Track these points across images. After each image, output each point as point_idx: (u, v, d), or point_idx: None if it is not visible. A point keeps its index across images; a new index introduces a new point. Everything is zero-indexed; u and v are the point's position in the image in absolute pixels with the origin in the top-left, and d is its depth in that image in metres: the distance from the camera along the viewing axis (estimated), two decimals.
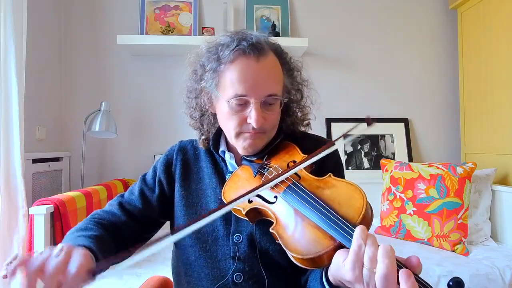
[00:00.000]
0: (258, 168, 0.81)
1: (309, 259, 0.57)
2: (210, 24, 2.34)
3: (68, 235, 0.75)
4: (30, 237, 1.38)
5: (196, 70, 0.87)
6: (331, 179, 0.70)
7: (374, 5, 2.46)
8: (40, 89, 2.02)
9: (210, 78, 0.82)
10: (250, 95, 0.77)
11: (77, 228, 0.77)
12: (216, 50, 0.81)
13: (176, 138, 1.96)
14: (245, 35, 0.80)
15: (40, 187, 1.90)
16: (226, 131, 0.85)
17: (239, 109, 0.79)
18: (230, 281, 0.78)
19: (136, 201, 0.90)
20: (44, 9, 2.07)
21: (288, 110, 0.92)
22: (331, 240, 0.57)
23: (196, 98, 0.89)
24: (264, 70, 0.78)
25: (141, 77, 2.31)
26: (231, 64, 0.78)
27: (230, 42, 0.79)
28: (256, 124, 0.77)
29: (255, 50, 0.78)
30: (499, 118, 2.06)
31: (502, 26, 2.01)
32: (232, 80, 0.78)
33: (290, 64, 0.88)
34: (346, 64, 2.43)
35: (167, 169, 0.92)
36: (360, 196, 0.62)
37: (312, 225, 0.61)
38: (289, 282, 0.80)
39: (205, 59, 0.83)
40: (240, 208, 0.73)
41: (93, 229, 0.77)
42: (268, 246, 0.79)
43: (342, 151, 2.33)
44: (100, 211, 0.88)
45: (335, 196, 0.64)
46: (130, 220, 0.87)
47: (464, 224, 1.73)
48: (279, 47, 0.86)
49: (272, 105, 0.81)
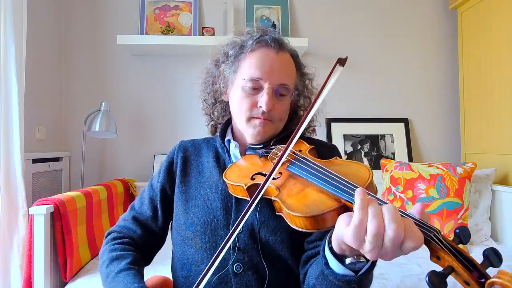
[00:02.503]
0: (264, 150, 0.84)
1: (311, 217, 0.56)
2: (210, 24, 2.33)
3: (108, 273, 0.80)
4: (30, 237, 1.38)
5: (219, 58, 0.94)
6: (338, 160, 0.72)
7: (374, 5, 2.46)
8: (40, 89, 2.02)
9: (231, 63, 0.89)
10: (264, 79, 0.83)
11: (111, 259, 0.83)
12: (242, 41, 0.89)
13: (176, 138, 1.98)
14: (270, 31, 0.89)
15: (40, 187, 1.90)
16: (237, 116, 0.89)
17: (252, 92, 0.85)
18: (230, 271, 0.79)
19: (147, 210, 0.94)
20: (44, 9, 2.07)
21: (296, 114, 0.97)
22: (336, 201, 0.57)
23: (213, 84, 0.96)
24: (281, 62, 0.86)
25: (141, 77, 2.31)
26: (252, 52, 0.86)
27: (254, 34, 0.88)
28: (266, 107, 0.82)
29: (276, 44, 0.86)
30: (499, 118, 2.05)
31: (502, 26, 2.01)
32: (251, 64, 0.85)
33: (303, 70, 0.95)
34: (346, 64, 2.40)
35: (169, 170, 0.95)
36: (366, 170, 0.62)
37: (317, 189, 0.61)
38: (289, 274, 0.81)
39: (229, 48, 0.91)
40: (242, 184, 0.73)
41: (124, 255, 0.83)
42: (269, 237, 0.79)
43: (342, 151, 2.33)
44: (117, 228, 0.93)
45: (340, 170, 0.64)
46: (145, 232, 0.92)
47: (464, 224, 1.73)
48: (296, 52, 0.94)
49: (283, 96, 0.87)
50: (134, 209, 0.96)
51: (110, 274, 0.79)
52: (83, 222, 1.57)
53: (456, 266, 0.45)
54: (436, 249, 0.48)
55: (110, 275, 0.79)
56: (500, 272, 0.43)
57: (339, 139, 2.34)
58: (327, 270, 0.60)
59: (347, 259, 0.58)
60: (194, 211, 0.86)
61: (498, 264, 0.47)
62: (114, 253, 0.84)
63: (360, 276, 0.57)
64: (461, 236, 0.50)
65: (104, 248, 0.88)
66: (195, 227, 0.84)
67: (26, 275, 1.39)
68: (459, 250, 0.47)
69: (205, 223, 0.83)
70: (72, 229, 1.46)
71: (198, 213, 0.85)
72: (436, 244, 0.48)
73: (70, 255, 1.44)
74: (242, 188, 0.73)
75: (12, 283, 1.54)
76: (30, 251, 1.38)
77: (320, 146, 0.89)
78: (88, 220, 1.61)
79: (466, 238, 0.50)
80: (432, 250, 0.49)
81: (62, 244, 1.43)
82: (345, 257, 0.58)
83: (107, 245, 0.88)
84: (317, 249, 0.76)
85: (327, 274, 0.60)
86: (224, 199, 0.84)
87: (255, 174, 0.75)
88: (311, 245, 0.78)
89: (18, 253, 1.55)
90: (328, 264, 0.60)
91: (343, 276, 0.58)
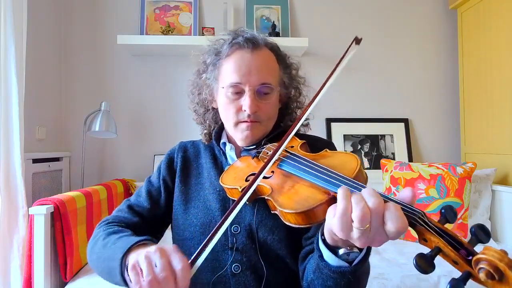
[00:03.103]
0: (255, 151, 0.84)
1: (302, 212, 0.56)
2: (210, 24, 2.33)
3: (112, 240, 0.73)
4: (30, 237, 1.38)
5: (199, 68, 0.94)
6: (327, 152, 0.72)
7: (374, 5, 2.46)
8: (40, 89, 2.02)
9: (210, 71, 0.89)
10: (244, 82, 0.82)
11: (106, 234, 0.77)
12: (216, 47, 0.89)
13: (176, 138, 1.98)
14: (242, 31, 0.88)
15: (40, 187, 1.90)
16: (226, 122, 0.89)
17: (235, 97, 0.84)
18: (229, 272, 0.79)
19: (144, 201, 0.92)
20: (44, 9, 2.07)
21: (287, 108, 0.95)
22: (325, 194, 0.57)
23: (199, 94, 0.95)
24: (258, 60, 0.84)
25: (141, 77, 2.31)
26: (228, 57, 0.85)
27: (228, 38, 0.87)
28: (249, 110, 0.81)
29: (249, 43, 0.84)
30: (499, 118, 2.05)
31: (502, 25, 2.01)
32: (228, 70, 0.84)
33: (287, 61, 0.93)
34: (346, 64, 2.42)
35: (170, 166, 0.95)
36: (354, 159, 0.63)
37: (307, 184, 0.62)
38: (288, 273, 0.81)
39: (207, 56, 0.91)
40: (237, 187, 0.74)
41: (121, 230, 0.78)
42: (267, 237, 0.79)
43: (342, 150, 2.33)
44: (111, 217, 0.89)
45: (329, 162, 0.65)
46: (141, 220, 0.89)
47: (464, 224, 1.73)
48: (275, 45, 0.91)
49: (267, 95, 0.85)
50: (129, 200, 0.94)
51: (109, 243, 0.73)
52: (83, 222, 1.57)
53: (443, 246, 0.46)
54: (422, 231, 0.48)
55: (108, 243, 0.73)
56: (485, 248, 0.43)
57: (339, 139, 2.34)
58: (322, 263, 0.61)
59: (340, 250, 0.59)
60: (193, 212, 0.86)
61: (486, 240, 0.47)
62: (111, 229, 0.79)
63: (355, 266, 0.58)
64: (447, 216, 0.50)
65: (97, 230, 0.82)
66: (193, 228, 0.84)
67: (26, 275, 1.39)
68: (444, 229, 0.47)
69: (203, 224, 0.84)
70: (72, 229, 1.46)
71: (197, 214, 0.85)
72: (421, 226, 0.48)
73: (70, 255, 1.44)
74: (237, 191, 0.74)
75: (12, 283, 1.54)
76: (30, 251, 1.38)
77: (315, 141, 0.89)
78: (88, 220, 1.61)
79: (452, 217, 0.50)
80: (418, 232, 0.49)
81: (62, 244, 1.43)
82: (338, 248, 0.59)
83: (100, 228, 0.83)
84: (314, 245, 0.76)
85: (322, 267, 0.61)
86: (222, 200, 0.84)
87: (249, 176, 0.75)
88: (309, 241, 0.79)
89: (18, 253, 1.55)
90: (322, 257, 0.61)
91: (338, 267, 0.59)
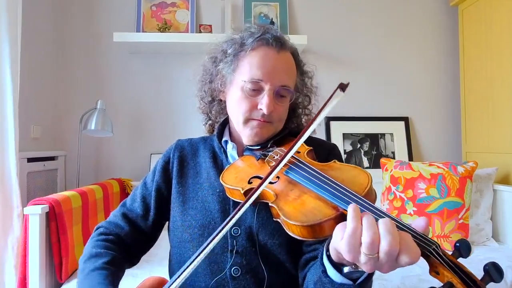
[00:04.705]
0: (261, 153, 0.82)
1: (308, 226, 0.54)
2: (207, 21, 2.31)
3: (83, 268, 0.78)
4: (25, 238, 1.36)
5: (216, 55, 0.90)
6: (336, 163, 0.70)
7: (374, 2, 2.44)
8: (35, 87, 2.00)
9: (229, 61, 0.85)
10: (266, 80, 0.81)
11: (89, 255, 0.80)
12: (241, 38, 0.86)
13: (173, 137, 1.95)
14: (270, 29, 0.86)
15: (35, 186, 1.88)
16: (235, 117, 0.87)
17: (252, 94, 0.82)
18: (228, 275, 0.78)
19: (138, 208, 0.92)
20: (39, 6, 2.04)
21: (295, 112, 0.95)
22: (333, 210, 0.55)
23: (210, 82, 0.92)
24: (283, 62, 0.84)
25: (138, 75, 2.29)
26: (253, 51, 0.83)
27: (255, 32, 0.85)
28: (267, 110, 0.80)
29: (277, 43, 0.83)
30: (501, 117, 2.04)
31: (503, 23, 1.99)
32: (251, 64, 0.82)
33: (303, 68, 0.93)
34: (346, 62, 2.41)
35: (165, 170, 0.93)
36: (366, 176, 0.61)
37: (314, 196, 0.60)
38: (288, 277, 0.80)
39: (227, 45, 0.87)
40: (239, 188, 0.72)
41: (103, 253, 0.80)
42: (267, 240, 0.78)
43: (342, 150, 2.31)
44: (105, 223, 0.92)
45: (339, 175, 0.63)
46: (133, 229, 0.90)
47: (465, 224, 1.71)
48: (296, 51, 0.91)
49: (283, 98, 0.85)
50: (125, 205, 0.94)
51: (85, 270, 0.78)
52: (78, 222, 1.55)
53: (456, 283, 0.45)
54: (435, 264, 0.47)
55: (84, 271, 0.78)
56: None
57: (339, 137, 2.32)
58: (325, 278, 0.59)
59: (345, 268, 0.57)
60: (192, 213, 0.84)
61: (498, 279, 0.45)
62: (94, 250, 0.82)
63: (359, 285, 0.57)
64: (461, 250, 0.49)
65: (89, 242, 0.87)
66: (192, 230, 0.83)
67: (21, 276, 1.37)
68: (459, 265, 0.46)
69: (202, 226, 0.82)
70: (67, 229, 1.44)
71: (196, 215, 0.84)
72: (435, 259, 0.47)
73: (66, 256, 1.42)
74: (239, 192, 0.72)
75: (7, 283, 1.53)
76: (25, 252, 1.36)
77: (318, 145, 0.87)
78: (84, 220, 1.59)
79: (467, 252, 0.49)
80: (431, 264, 0.48)
81: (58, 244, 1.41)
82: (343, 265, 0.57)
83: (92, 240, 0.87)
84: (315, 253, 0.75)
85: (325, 282, 0.59)
86: (222, 201, 0.83)
87: (253, 178, 0.73)
88: (310, 248, 0.77)
89: (13, 254, 1.54)
90: (326, 272, 0.60)
91: (341, 285, 0.57)
